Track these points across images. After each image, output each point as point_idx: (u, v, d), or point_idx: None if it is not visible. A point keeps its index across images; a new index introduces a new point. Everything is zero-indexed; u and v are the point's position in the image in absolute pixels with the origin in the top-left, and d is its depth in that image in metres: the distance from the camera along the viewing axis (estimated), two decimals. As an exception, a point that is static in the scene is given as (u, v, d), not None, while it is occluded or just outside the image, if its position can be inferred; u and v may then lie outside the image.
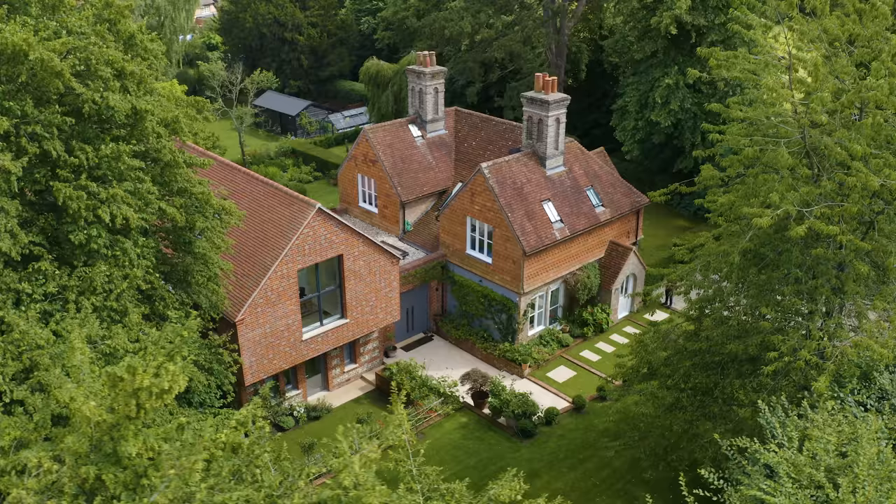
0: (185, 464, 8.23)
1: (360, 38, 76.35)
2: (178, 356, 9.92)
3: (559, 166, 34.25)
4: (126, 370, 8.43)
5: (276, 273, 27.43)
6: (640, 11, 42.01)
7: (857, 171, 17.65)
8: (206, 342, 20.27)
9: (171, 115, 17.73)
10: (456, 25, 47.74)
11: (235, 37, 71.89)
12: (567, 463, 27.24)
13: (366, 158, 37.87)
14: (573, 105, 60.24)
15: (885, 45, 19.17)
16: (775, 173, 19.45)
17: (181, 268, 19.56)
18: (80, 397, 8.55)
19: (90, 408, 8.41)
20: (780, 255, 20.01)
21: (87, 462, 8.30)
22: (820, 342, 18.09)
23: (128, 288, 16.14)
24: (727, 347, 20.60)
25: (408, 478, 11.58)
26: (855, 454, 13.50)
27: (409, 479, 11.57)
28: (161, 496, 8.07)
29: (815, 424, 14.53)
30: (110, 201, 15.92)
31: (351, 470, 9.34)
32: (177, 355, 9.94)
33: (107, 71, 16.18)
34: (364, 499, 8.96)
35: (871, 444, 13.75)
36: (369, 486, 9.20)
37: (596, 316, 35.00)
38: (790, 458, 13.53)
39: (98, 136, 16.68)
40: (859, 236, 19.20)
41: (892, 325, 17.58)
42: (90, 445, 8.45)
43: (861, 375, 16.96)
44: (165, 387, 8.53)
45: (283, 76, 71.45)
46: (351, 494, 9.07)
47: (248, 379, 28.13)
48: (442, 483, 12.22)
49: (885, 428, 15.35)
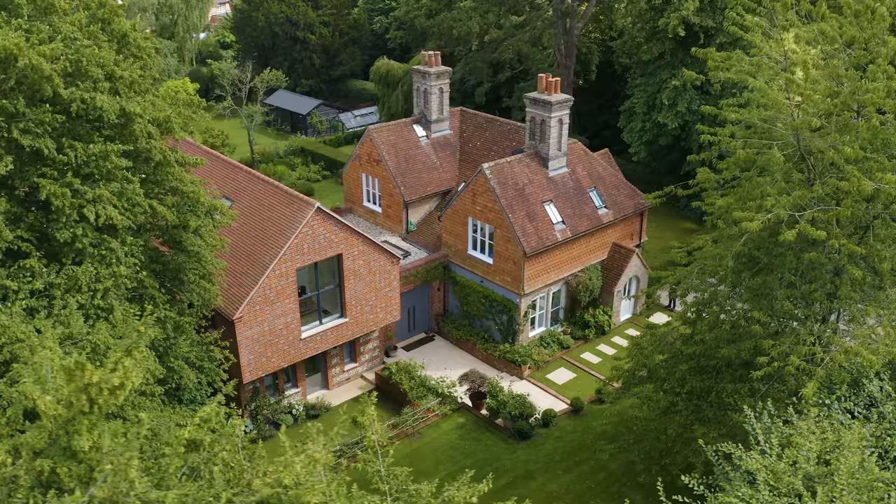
0: (122, 460, 8.28)
1: (372, 37, 76.53)
2: (136, 351, 9.97)
3: (562, 167, 34.12)
4: (75, 365, 8.49)
5: (275, 272, 27.52)
6: (648, 13, 41.78)
7: (851, 174, 17.45)
8: (198, 339, 20.36)
9: (163, 115, 17.83)
10: (464, 25, 47.69)
11: (248, 35, 72.28)
12: (563, 465, 27.14)
13: (370, 158, 37.93)
14: (583, 106, 60.31)
15: (882, 49, 18.94)
16: (769, 176, 19.28)
17: (174, 266, 19.66)
18: (37, 392, 8.63)
19: (45, 402, 8.49)
20: (775, 260, 19.82)
21: (44, 456, 8.40)
22: (811, 348, 17.89)
23: (114, 286, 16.26)
24: (720, 352, 20.45)
25: (376, 478, 11.58)
26: (837, 462, 13.35)
27: (378, 479, 11.56)
28: (98, 490, 8.14)
29: (799, 431, 14.37)
30: (96, 201, 16.06)
31: (292, 469, 9.36)
32: (134, 350, 9.99)
33: (97, 72, 16.34)
34: (302, 497, 8.97)
35: (853, 452, 13.59)
36: (309, 485, 9.20)
37: (598, 318, 34.85)
38: (770, 465, 13.40)
39: (89, 134, 16.82)
40: (856, 241, 18.99)
41: (885, 332, 17.34)
42: (48, 440, 8.56)
43: (852, 382, 16.77)
44: (116, 383, 8.58)
45: (294, 75, 71.75)
46: (290, 493, 9.07)
47: (247, 377, 28.24)
48: (411, 484, 12.20)
49: (872, 436, 15.17)
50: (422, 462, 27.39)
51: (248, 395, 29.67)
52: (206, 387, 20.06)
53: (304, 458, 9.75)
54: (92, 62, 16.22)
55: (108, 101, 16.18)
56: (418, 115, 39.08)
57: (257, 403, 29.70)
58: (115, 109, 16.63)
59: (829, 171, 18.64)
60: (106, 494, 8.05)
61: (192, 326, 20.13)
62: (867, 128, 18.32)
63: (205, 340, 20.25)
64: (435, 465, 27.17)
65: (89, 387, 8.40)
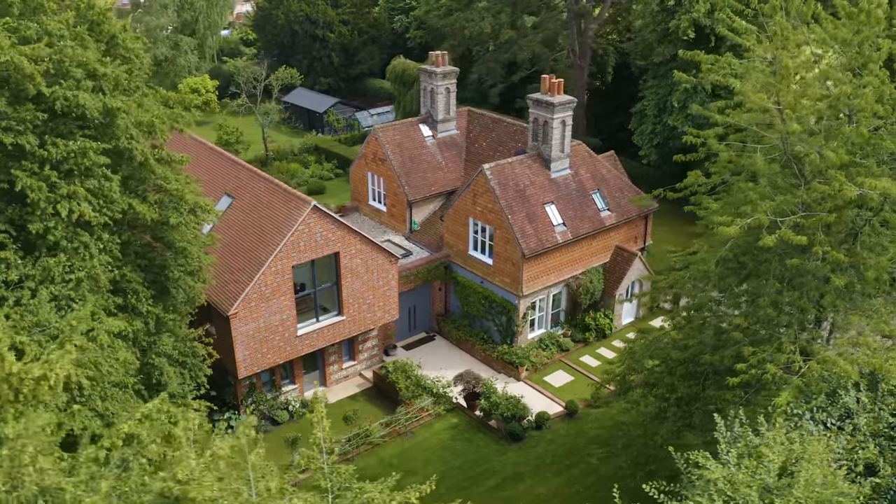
0: (17, 447, 8.48)
1: (392, 36, 76.69)
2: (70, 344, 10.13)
3: (565, 169, 33.95)
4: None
5: (271, 269, 27.73)
6: (660, 14, 41.41)
7: (834, 179, 17.18)
8: (182, 335, 20.60)
9: (147, 117, 18.11)
10: (476, 26, 47.64)
11: (269, 33, 72.79)
12: (553, 468, 27.02)
13: (375, 157, 38.06)
14: (599, 108, 60.00)
15: (874, 53, 18.61)
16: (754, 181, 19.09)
17: (160, 262, 19.91)
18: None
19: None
20: (760, 266, 19.56)
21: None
22: (791, 356, 17.63)
23: (87, 278, 16.54)
24: (704, 358, 20.25)
25: (318, 475, 11.61)
26: (799, 475, 13.16)
27: (320, 476, 11.60)
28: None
29: (764, 441, 14.18)
30: (70, 197, 16.36)
31: (187, 464, 9.42)
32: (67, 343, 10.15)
33: (78, 72, 16.63)
34: (190, 492, 9.04)
35: (817, 465, 13.38)
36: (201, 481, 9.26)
37: (599, 321, 34.63)
38: (728, 475, 13.23)
39: (72, 132, 17.12)
40: (845, 248, 18.69)
41: (864, 342, 17.01)
42: None
43: (830, 392, 16.47)
44: (37, 374, 8.74)
45: (313, 73, 72.13)
46: (178, 489, 9.15)
47: (242, 372, 28.51)
48: (355, 482, 12.22)
49: (843, 449, 14.91)
50: (412, 461, 27.45)
51: (245, 391, 29.94)
52: (190, 381, 20.28)
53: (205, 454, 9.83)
54: (74, 62, 16.50)
55: (90, 99, 16.46)
56: (425, 114, 39.13)
57: (254, 399, 29.96)
58: (99, 107, 16.90)
59: (819, 176, 18.36)
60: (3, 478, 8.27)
61: (176, 323, 20.36)
62: (857, 133, 18.03)
63: (187, 337, 20.47)
64: (424, 465, 27.20)
65: (10, 377, 8.58)
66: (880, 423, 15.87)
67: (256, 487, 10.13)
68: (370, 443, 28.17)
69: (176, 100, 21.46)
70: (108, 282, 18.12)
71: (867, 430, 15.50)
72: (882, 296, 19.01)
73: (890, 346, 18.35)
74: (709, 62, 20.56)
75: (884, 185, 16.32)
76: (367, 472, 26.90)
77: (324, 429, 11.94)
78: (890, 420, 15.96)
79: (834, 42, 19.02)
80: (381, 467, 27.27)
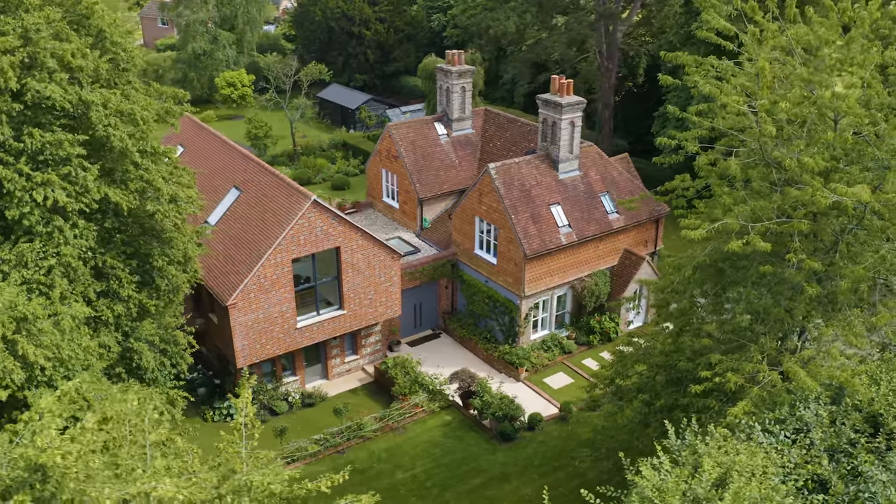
0: None
1: (429, 34, 76.99)
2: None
3: (573, 170, 33.73)
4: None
5: (270, 261, 28.22)
6: (683, 17, 40.76)
7: (808, 185, 16.80)
8: (164, 323, 21.15)
9: (127, 107, 18.65)
10: (501, 25, 47.56)
11: (306, 29, 73.80)
12: (540, 470, 26.94)
13: (389, 154, 38.36)
14: (628, 110, 59.32)
15: (859, 56, 18.11)
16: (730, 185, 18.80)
17: (144, 250, 20.49)
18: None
19: None
20: (738, 273, 19.21)
21: None
22: (757, 365, 17.28)
23: (57, 265, 17.16)
24: (679, 364, 20.00)
25: (236, 459, 11.82)
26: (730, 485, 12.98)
27: (237, 461, 11.81)
28: None
29: (705, 452, 14.00)
30: (45, 184, 16.99)
31: (47, 433, 9.73)
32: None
33: (53, 63, 17.24)
34: (40, 458, 9.34)
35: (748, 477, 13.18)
36: (56, 448, 9.53)
37: (604, 324, 34.34)
38: (657, 483, 13.11)
39: (51, 123, 17.76)
40: (824, 256, 18.26)
41: (829, 355, 16.58)
42: None
43: (793, 404, 16.10)
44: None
45: (349, 70, 72.88)
46: (34, 454, 9.46)
47: (240, 362, 29.08)
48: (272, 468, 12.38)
49: (791, 463, 14.60)
50: (401, 456, 27.67)
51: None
52: (171, 368, 20.81)
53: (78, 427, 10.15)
54: (47, 55, 17.11)
55: (58, 90, 17.07)
56: (440, 112, 39.29)
57: (254, 389, 30.50)
58: (72, 99, 17.50)
59: (795, 182, 17.97)
60: None
61: (159, 309, 20.92)
62: (840, 139, 17.59)
63: (169, 325, 21.01)
64: (412, 461, 27.39)
65: None
66: (840, 437, 15.48)
67: (152, 465, 10.44)
68: (362, 436, 28.47)
69: (169, 94, 22.01)
70: (88, 268, 18.75)
71: (821, 445, 15.13)
72: (861, 306, 18.46)
73: (863, 359, 17.89)
74: (693, 64, 20.28)
75: (855, 192, 15.91)
76: (355, 464, 27.36)
77: (247, 414, 12.16)
78: (851, 436, 15.56)
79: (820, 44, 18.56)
80: (370, 460, 27.58)
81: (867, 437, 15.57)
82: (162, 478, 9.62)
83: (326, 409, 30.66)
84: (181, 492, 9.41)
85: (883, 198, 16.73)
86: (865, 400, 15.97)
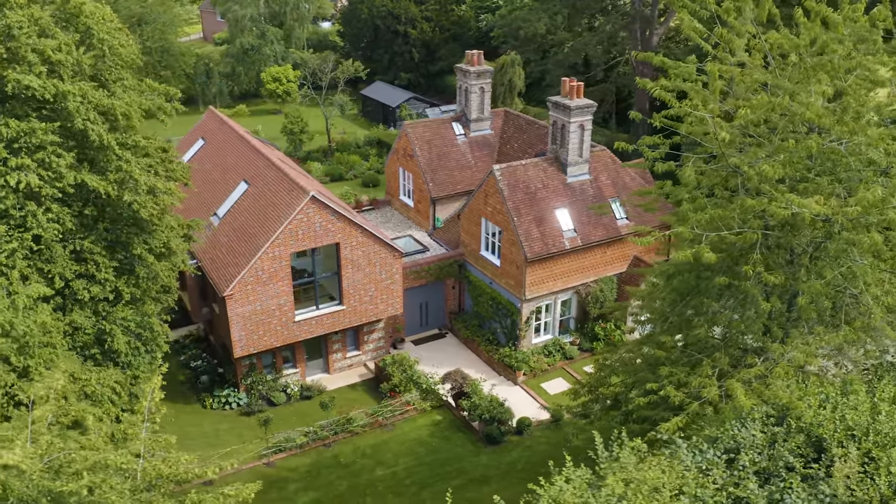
0: None
1: (477, 34, 76.97)
2: None
3: (583, 174, 33.31)
4: None
5: (268, 254, 28.77)
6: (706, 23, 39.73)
7: (766, 194, 16.33)
8: (142, 310, 21.83)
9: (106, 102, 19.40)
10: (532, 26, 47.24)
11: (354, 27, 74.72)
12: (522, 474, 26.76)
13: (405, 153, 38.60)
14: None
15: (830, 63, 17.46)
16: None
17: (124, 238, 21.25)
18: None
19: None
20: (700, 283, 18.76)
21: None
22: (706, 380, 16.84)
23: (20, 248, 18.03)
24: (640, 376, 19.65)
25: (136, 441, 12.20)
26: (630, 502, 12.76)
27: (137, 441, 12.19)
28: None
29: (612, 469, 13.80)
30: (20, 168, 17.86)
31: None
32: None
33: (34, 57, 18.09)
34: None
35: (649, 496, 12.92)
36: None
37: (608, 331, 33.83)
38: (555, 495, 12.98)
39: (28, 114, 18.64)
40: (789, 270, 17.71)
41: (779, 374, 15.99)
42: None
43: (726, 421, 15.61)
44: None
45: (394, 68, 73.47)
46: None
47: (238, 352, 29.75)
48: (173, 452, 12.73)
49: (714, 483, 14.19)
50: (385, 453, 27.86)
51: (245, 371, 31.20)
52: (144, 354, 21.49)
53: None
54: (29, 49, 17.96)
55: (37, 82, 17.87)
56: (459, 112, 39.32)
57: (253, 379, 31.17)
58: (51, 90, 18.30)
59: (754, 192, 17.47)
60: None
61: (136, 296, 21.63)
62: (804, 146, 17.01)
63: (145, 312, 21.69)
64: (395, 458, 27.56)
65: None
66: (777, 461, 14.93)
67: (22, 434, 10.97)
68: (350, 431, 28.78)
69: (161, 90, 22.71)
70: (67, 251, 19.62)
71: (752, 467, 14.63)
72: (828, 324, 17.78)
73: (820, 377, 17.25)
74: (674, 68, 19.89)
75: (805, 203, 15.38)
76: (340, 457, 27.72)
77: (153, 400, 12.54)
78: (790, 460, 15.00)
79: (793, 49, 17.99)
80: (355, 455, 27.87)
81: (809, 461, 15.00)
82: (13, 447, 10.09)
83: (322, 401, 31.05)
84: (25, 462, 9.85)
85: (844, 211, 16.09)
86: (811, 423, 15.39)
